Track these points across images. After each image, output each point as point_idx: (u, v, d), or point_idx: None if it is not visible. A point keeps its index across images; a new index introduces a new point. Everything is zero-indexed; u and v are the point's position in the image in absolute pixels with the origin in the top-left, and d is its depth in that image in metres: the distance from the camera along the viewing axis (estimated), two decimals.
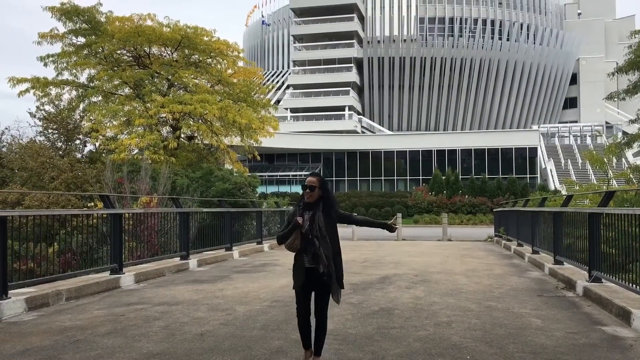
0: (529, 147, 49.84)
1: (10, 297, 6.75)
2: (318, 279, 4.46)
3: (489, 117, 69.73)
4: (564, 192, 31.83)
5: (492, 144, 50.81)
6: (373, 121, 67.72)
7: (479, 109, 69.33)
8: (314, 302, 4.56)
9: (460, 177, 43.97)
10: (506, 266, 11.92)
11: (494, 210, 25.31)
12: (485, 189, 40.93)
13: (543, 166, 49.37)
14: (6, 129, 25.90)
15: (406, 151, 52.84)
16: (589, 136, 58.00)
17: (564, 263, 10.04)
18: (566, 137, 60.02)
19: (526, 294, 8.19)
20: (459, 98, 68.81)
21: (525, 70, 69.79)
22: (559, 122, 71.12)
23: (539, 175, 49.28)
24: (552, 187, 42.14)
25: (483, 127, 67.92)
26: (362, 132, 62.48)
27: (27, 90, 22.12)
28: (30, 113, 22.36)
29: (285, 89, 70.34)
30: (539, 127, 60.95)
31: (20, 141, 21.28)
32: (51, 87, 22.67)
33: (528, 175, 48.55)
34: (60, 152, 20.84)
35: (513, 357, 4.86)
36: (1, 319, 6.41)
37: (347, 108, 64.17)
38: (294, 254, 4.63)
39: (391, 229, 4.75)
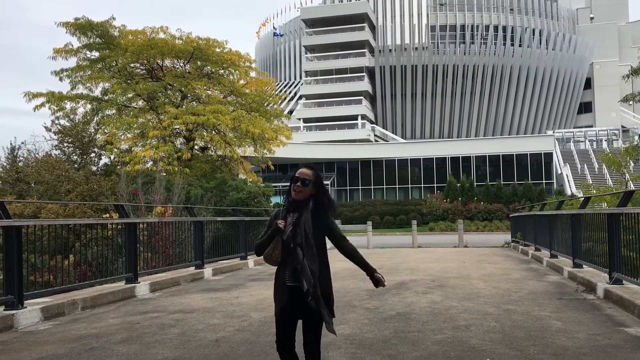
0: (544, 153, 49.39)
1: (26, 307, 6.76)
2: (304, 301, 3.46)
3: (502, 123, 69.32)
4: (580, 196, 31.47)
5: (506, 150, 50.44)
6: (386, 130, 67.59)
7: (493, 116, 68.98)
8: (303, 332, 3.60)
9: (475, 183, 43.60)
10: (524, 271, 11.76)
11: (510, 215, 25.04)
12: (500, 195, 40.55)
13: (559, 171, 48.87)
14: (22, 143, 26.19)
15: (420, 159, 52.63)
16: (605, 140, 57.38)
17: (583, 266, 9.87)
18: (582, 141, 59.39)
19: (545, 297, 8.05)
20: (472, 105, 68.53)
21: (538, 75, 69.38)
22: (574, 127, 70.43)
23: (555, 181, 48.79)
24: (568, 192, 41.65)
25: (497, 134, 67.48)
26: (376, 140, 62.38)
27: (42, 105, 22.36)
28: (45, 127, 22.64)
29: (297, 99, 70.52)
30: (553, 132, 60.40)
31: (37, 155, 21.51)
32: (66, 101, 22.91)
33: (544, 181, 48.07)
34: (76, 165, 21.04)
35: (534, 358, 4.75)
36: (17, 329, 6.41)
37: (359, 117, 64.14)
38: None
39: (375, 281, 3.63)
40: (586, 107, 75.75)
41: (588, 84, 74.90)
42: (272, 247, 3.55)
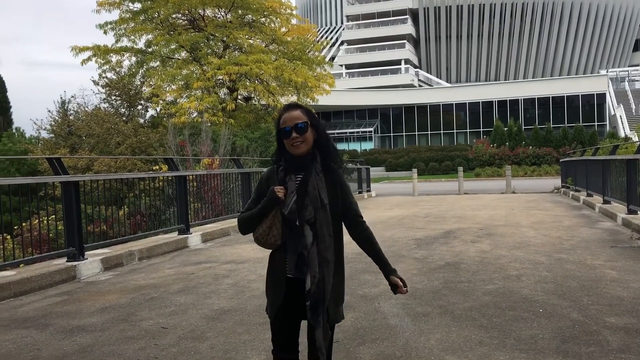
0: (596, 93, 47.57)
1: (87, 258, 7.06)
2: (305, 297, 2.46)
3: (553, 64, 66.76)
4: (635, 139, 30.36)
5: (556, 91, 48.77)
6: (430, 74, 66.13)
7: (542, 56, 66.43)
8: (308, 337, 2.55)
9: (523, 127, 42.53)
10: (575, 217, 11.54)
11: (561, 160, 24.43)
12: (550, 139, 39.44)
13: (612, 113, 47.12)
14: (72, 97, 26.87)
15: (465, 103, 51.52)
16: None
17: (639, 212, 9.61)
18: (637, 81, 56.84)
19: (598, 245, 7.90)
20: (521, 45, 66.07)
21: (591, 12, 66.04)
22: (628, 66, 67.31)
23: (607, 123, 47.13)
24: (622, 134, 40.23)
25: (547, 75, 65.17)
26: (420, 85, 61.20)
27: (89, 59, 22.72)
28: (93, 81, 23.04)
29: (339, 45, 69.43)
30: (607, 71, 57.92)
31: (86, 109, 22.00)
32: (111, 54, 23.20)
33: (596, 123, 46.50)
34: (124, 118, 21.45)
35: (588, 309, 4.70)
36: (80, 279, 6.73)
37: (403, 62, 62.84)
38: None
39: (393, 285, 2.57)
40: None
41: None
42: (268, 225, 2.49)
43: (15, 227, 10.90)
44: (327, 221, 2.46)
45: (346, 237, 2.50)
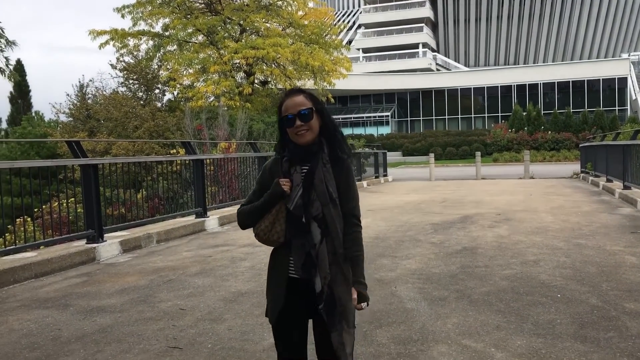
0: (618, 78, 46.78)
1: (106, 241, 7.15)
2: (314, 302, 2.24)
3: (573, 47, 65.60)
4: None
5: (577, 75, 48.02)
6: (448, 58, 65.40)
7: (563, 39, 65.28)
8: (315, 341, 2.35)
9: (542, 112, 41.97)
10: (595, 203, 11.41)
11: (580, 145, 24.11)
12: (569, 124, 38.87)
13: (633, 97, 46.36)
14: (90, 80, 27.01)
15: (484, 87, 50.98)
16: None
17: None
18: None
19: (618, 230, 7.81)
20: (541, 28, 64.97)
21: None
22: None
23: (629, 107, 46.39)
24: None
25: (567, 58, 64.08)
26: (437, 69, 60.61)
27: (106, 43, 22.78)
28: (111, 65, 23.14)
29: (356, 28, 68.85)
30: (629, 55, 56.86)
31: (104, 92, 22.13)
32: (129, 38, 23.22)
33: (617, 108, 45.76)
34: (142, 102, 21.55)
35: (607, 295, 4.66)
36: (99, 261, 6.82)
37: (420, 45, 62.20)
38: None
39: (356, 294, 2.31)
40: None
41: None
42: (270, 221, 2.30)
43: (35, 210, 11.06)
44: (338, 216, 2.26)
45: (362, 220, 2.48)
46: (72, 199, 8.64)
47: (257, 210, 2.33)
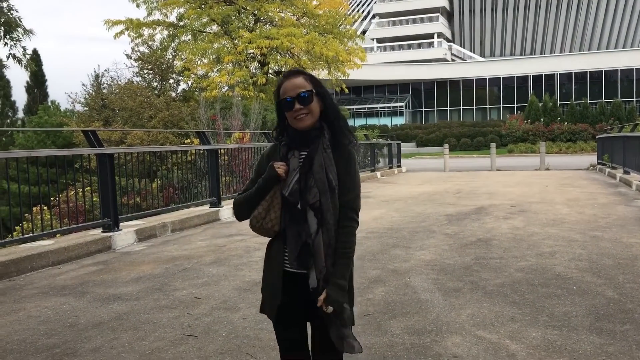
0: (636, 68, 46.13)
1: (121, 229, 7.21)
2: (311, 295, 2.11)
3: (591, 37, 64.71)
4: None
5: (594, 66, 47.42)
6: (464, 48, 64.84)
7: (580, 29, 64.41)
8: (312, 341, 2.27)
9: (558, 103, 41.52)
10: (612, 195, 11.29)
11: (597, 137, 23.83)
12: (586, 115, 38.43)
13: None
14: (106, 70, 27.20)
15: (499, 78, 50.52)
16: None
17: None
18: None
19: (635, 223, 7.73)
20: (558, 17, 64.14)
21: None
22: None
23: None
24: None
25: (584, 48, 63.25)
26: (452, 59, 60.13)
27: (121, 32, 22.86)
28: (126, 55, 23.27)
29: (371, 18, 68.46)
30: None
31: (119, 82, 22.25)
32: (143, 27, 23.29)
33: (635, 99, 45.15)
34: (156, 92, 21.64)
35: (623, 287, 4.62)
36: (115, 250, 6.88)
37: (435, 35, 61.73)
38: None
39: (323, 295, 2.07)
40: None
41: None
42: (264, 207, 2.16)
43: (52, 199, 11.18)
44: (331, 204, 2.08)
45: (375, 211, 2.48)
46: (88, 187, 8.72)
47: (251, 197, 2.19)
